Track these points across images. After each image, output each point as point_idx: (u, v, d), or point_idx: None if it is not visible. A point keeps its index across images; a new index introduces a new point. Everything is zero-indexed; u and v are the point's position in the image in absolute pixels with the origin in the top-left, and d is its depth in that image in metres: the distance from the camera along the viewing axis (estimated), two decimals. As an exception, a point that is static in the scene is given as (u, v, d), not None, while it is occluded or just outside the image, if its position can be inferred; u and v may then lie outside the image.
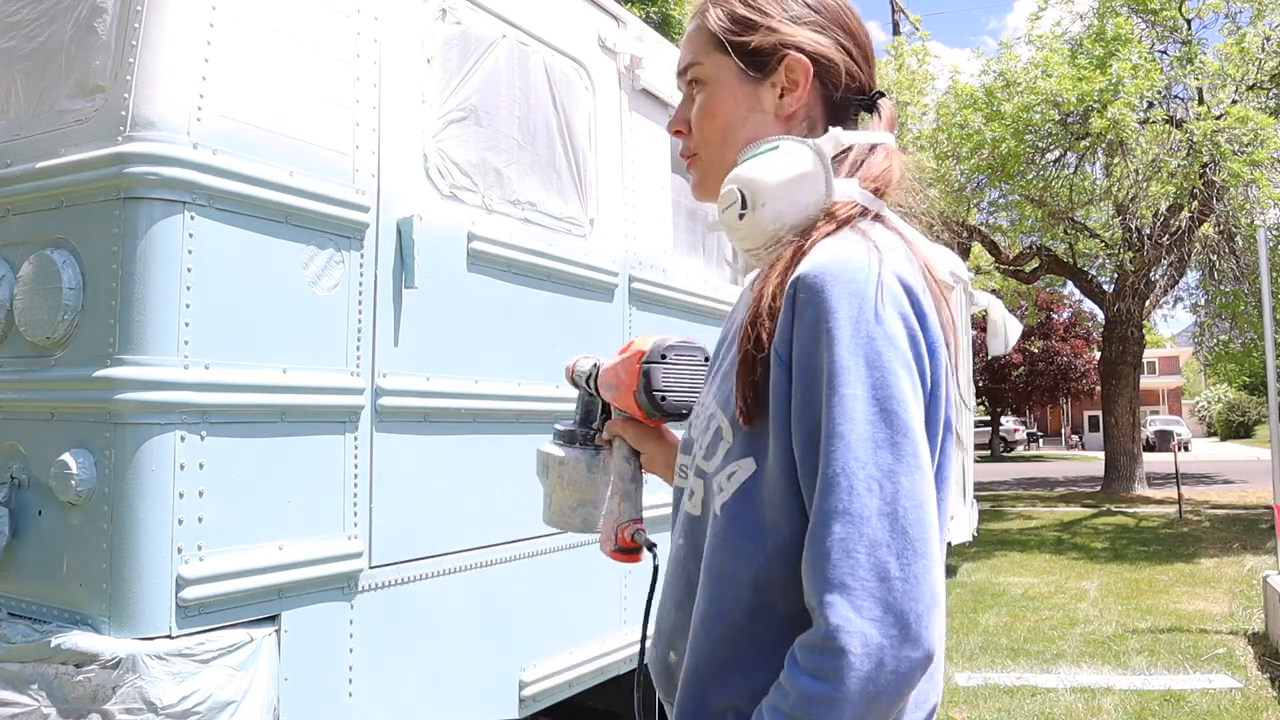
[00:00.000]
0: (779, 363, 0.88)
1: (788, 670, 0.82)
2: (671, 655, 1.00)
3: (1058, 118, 12.50)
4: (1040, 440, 43.25)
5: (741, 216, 0.94)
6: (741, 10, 1.01)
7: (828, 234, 0.92)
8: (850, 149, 0.99)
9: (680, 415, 1.19)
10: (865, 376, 0.83)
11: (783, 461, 0.88)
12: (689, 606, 0.97)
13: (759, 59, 1.01)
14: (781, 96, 1.01)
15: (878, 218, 0.96)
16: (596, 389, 1.29)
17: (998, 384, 32.71)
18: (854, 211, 0.94)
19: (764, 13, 1.00)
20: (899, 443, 0.83)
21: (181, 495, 1.87)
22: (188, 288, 1.90)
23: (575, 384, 1.33)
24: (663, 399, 1.20)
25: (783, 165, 0.93)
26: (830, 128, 1.00)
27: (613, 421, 1.27)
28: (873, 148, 1.00)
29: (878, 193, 0.97)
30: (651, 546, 1.18)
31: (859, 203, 0.95)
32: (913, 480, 0.83)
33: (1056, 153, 13.51)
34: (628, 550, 1.20)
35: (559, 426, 1.32)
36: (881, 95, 1.05)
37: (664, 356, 1.20)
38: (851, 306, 0.84)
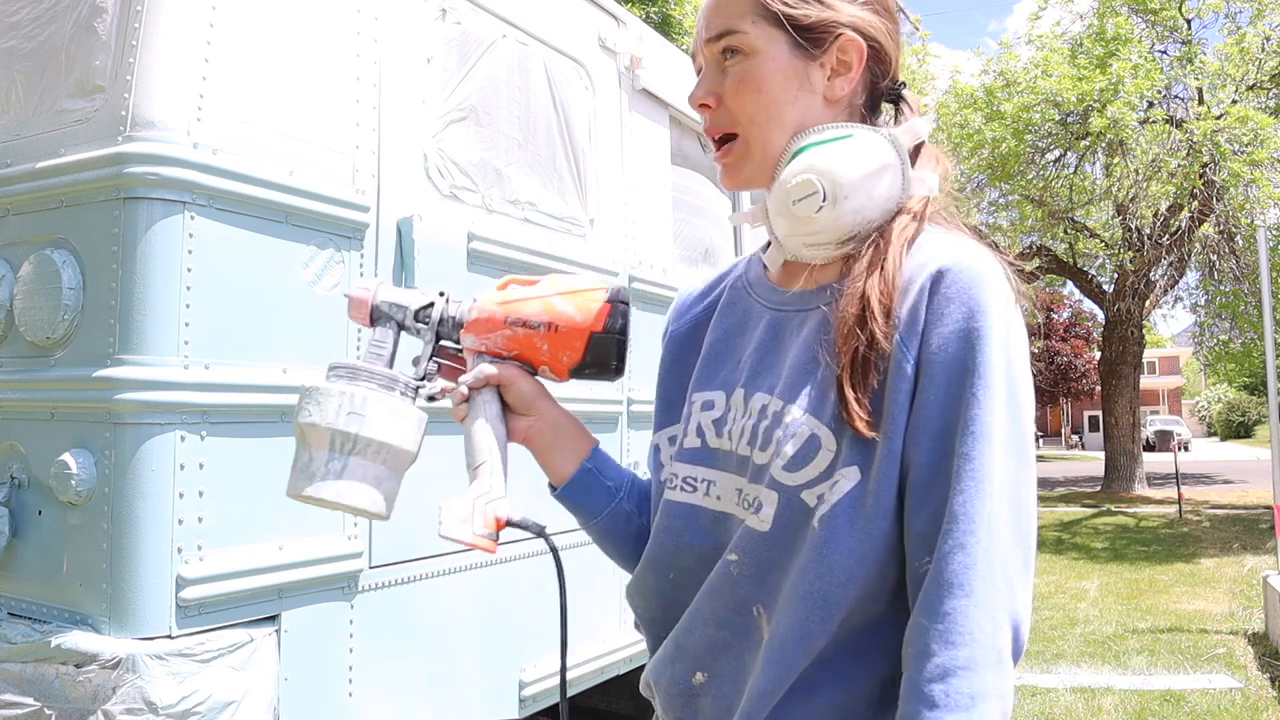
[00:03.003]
0: (905, 353, 0.84)
1: (918, 705, 0.79)
2: (699, 676, 0.93)
3: (1058, 117, 12.50)
4: (1040, 440, 43.26)
5: (819, 210, 0.87)
6: None
7: (923, 230, 0.90)
8: (922, 143, 0.94)
9: (613, 376, 1.03)
10: (1005, 379, 0.82)
11: (894, 462, 0.84)
12: (736, 625, 0.91)
13: (813, 35, 0.92)
14: (830, 78, 0.94)
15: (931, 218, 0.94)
16: (445, 328, 1.03)
17: (998, 384, 32.69)
18: (925, 206, 0.92)
19: None
20: (1024, 449, 0.83)
21: (181, 495, 1.87)
22: (188, 288, 1.90)
23: (381, 319, 1.03)
24: (626, 351, 1.02)
25: (864, 157, 0.88)
26: (874, 122, 0.97)
27: (497, 367, 1.01)
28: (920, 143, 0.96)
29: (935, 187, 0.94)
30: (542, 530, 0.97)
31: (928, 197, 0.92)
32: (1031, 484, 0.83)
33: (1056, 153, 13.51)
34: (494, 536, 0.96)
35: (363, 365, 0.97)
36: (905, 85, 1.01)
37: (628, 301, 1.02)
38: (1000, 305, 0.83)
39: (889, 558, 0.85)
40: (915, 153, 0.95)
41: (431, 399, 1.02)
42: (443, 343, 1.04)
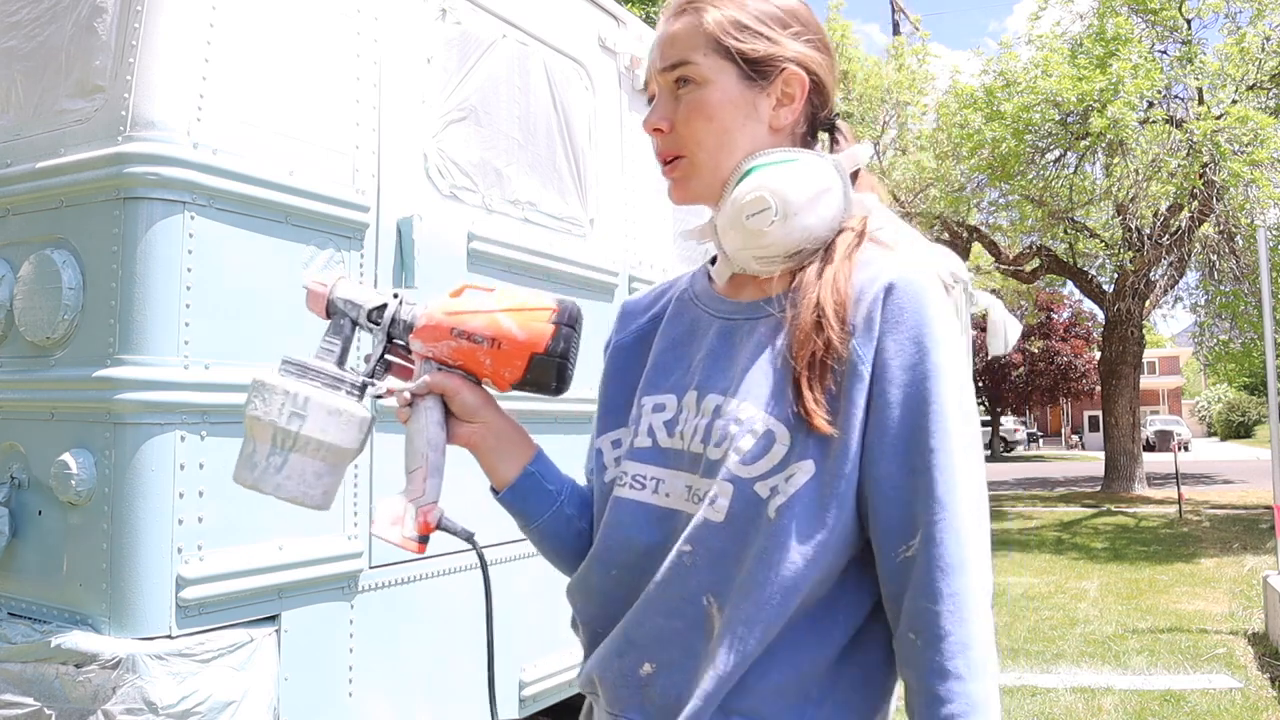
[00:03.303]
0: (859, 360, 0.91)
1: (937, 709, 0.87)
2: (647, 667, 0.97)
3: (1058, 117, 12.50)
4: (1040, 440, 43.27)
5: (771, 224, 0.95)
6: (744, 17, 1.00)
7: (866, 245, 0.97)
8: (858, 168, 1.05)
9: (554, 393, 1.06)
10: (955, 381, 0.91)
11: (850, 458, 0.91)
12: (687, 614, 0.95)
13: (760, 68, 1.00)
14: (776, 108, 1.02)
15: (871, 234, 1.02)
16: (397, 330, 1.04)
17: (998, 384, 32.72)
18: (864, 225, 0.99)
19: (765, 23, 1.01)
20: (976, 442, 0.94)
21: (181, 495, 1.87)
22: (188, 288, 1.90)
23: (336, 314, 1.04)
24: (568, 372, 1.04)
25: (811, 178, 0.96)
26: (833, 144, 1.07)
27: (441, 376, 1.03)
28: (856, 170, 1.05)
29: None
30: (470, 535, 1.01)
31: (866, 216, 0.99)
32: (982, 472, 0.97)
33: (1056, 153, 13.50)
34: (423, 539, 1.00)
35: (311, 362, 1.00)
36: (839, 116, 1.09)
37: (576, 323, 1.05)
38: (944, 316, 0.92)
39: (845, 545, 0.92)
40: (854, 177, 1.03)
41: (379, 398, 1.04)
42: (395, 342, 1.05)
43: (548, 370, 1.03)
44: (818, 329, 0.91)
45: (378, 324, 1.04)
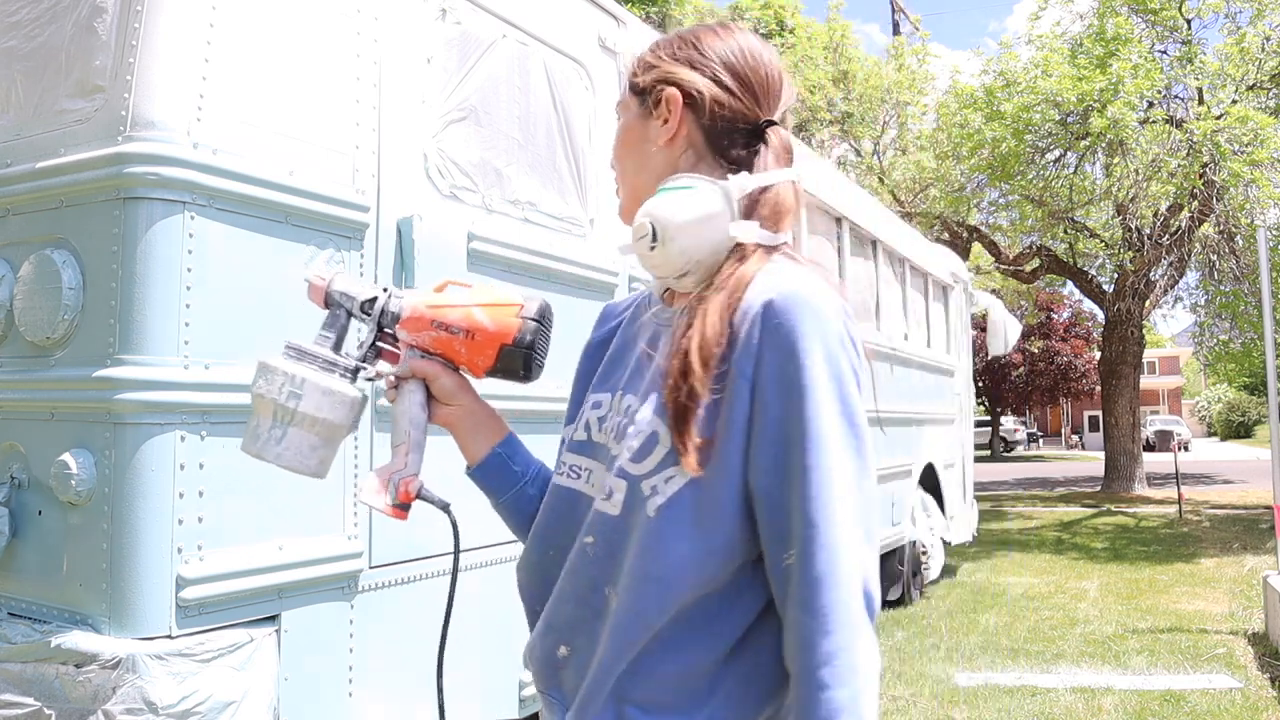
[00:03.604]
0: (741, 377, 0.95)
1: (812, 689, 0.90)
2: (563, 649, 1.04)
3: (1058, 117, 12.49)
4: (1040, 440, 43.25)
5: (652, 248, 1.01)
6: (649, 55, 1.13)
7: (756, 266, 1.00)
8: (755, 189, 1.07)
9: (523, 380, 1.16)
10: (834, 391, 0.93)
11: (729, 472, 0.96)
12: (592, 603, 1.01)
13: (645, 95, 1.11)
14: (660, 128, 1.10)
15: (782, 251, 1.05)
16: (386, 320, 1.14)
17: (998, 384, 32.71)
18: (754, 251, 1.02)
19: (658, 56, 1.12)
20: (863, 450, 0.95)
21: (181, 495, 1.87)
22: (188, 288, 1.90)
23: (333, 305, 1.14)
24: (536, 364, 1.15)
25: (691, 204, 1.01)
26: (739, 160, 1.09)
27: (423, 362, 1.14)
28: (767, 187, 1.06)
29: (776, 227, 1.05)
30: (446, 506, 1.12)
31: (758, 242, 1.03)
32: (871, 482, 0.95)
33: (1056, 153, 13.49)
34: (404, 506, 1.10)
35: (310, 347, 1.10)
36: (772, 124, 1.10)
37: (544, 318, 1.15)
38: (821, 328, 0.94)
39: (730, 551, 0.96)
40: (756, 195, 1.05)
41: (370, 380, 1.14)
42: (384, 331, 1.16)
43: (515, 360, 1.13)
44: (682, 376, 0.96)
45: (369, 314, 1.14)
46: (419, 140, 2.47)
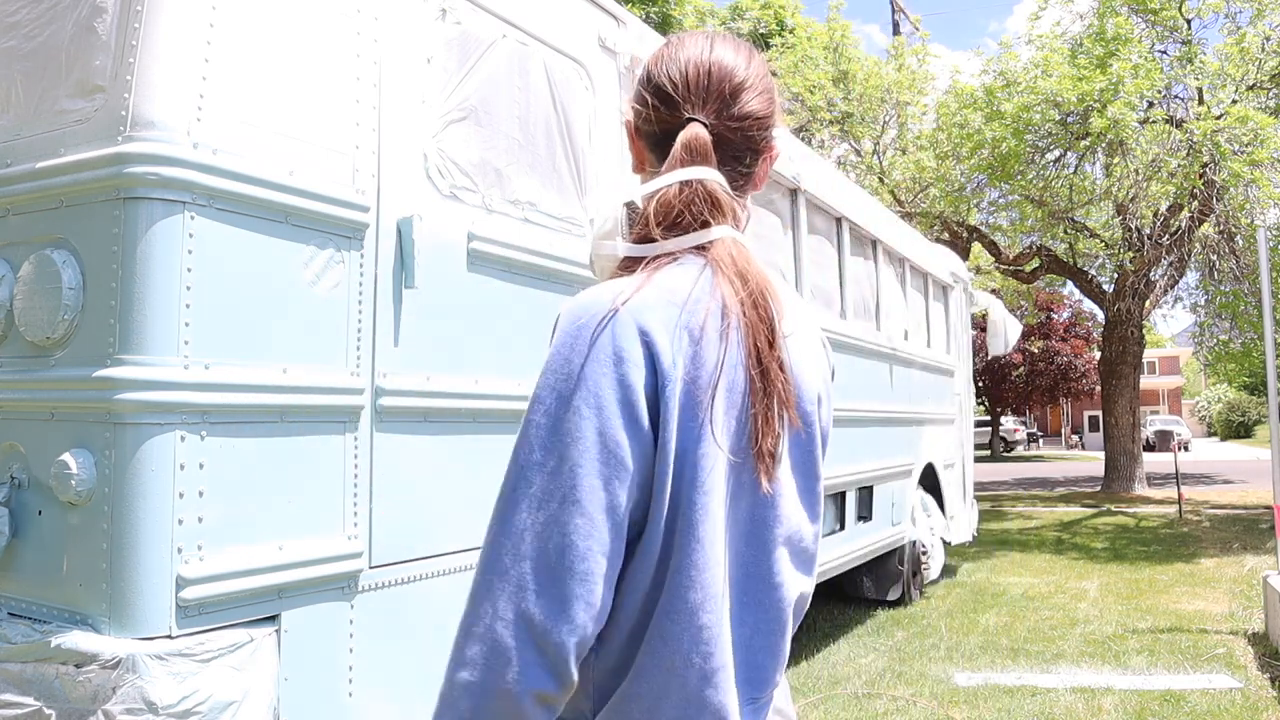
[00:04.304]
0: None
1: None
2: None
3: (1058, 117, 12.49)
4: (1040, 440, 43.23)
5: (592, 251, 1.08)
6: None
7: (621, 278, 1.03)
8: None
9: None
10: (552, 408, 0.92)
11: None
12: None
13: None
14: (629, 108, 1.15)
15: (657, 261, 1.03)
16: None
17: (998, 384, 32.70)
18: (646, 262, 1.02)
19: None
20: (562, 473, 0.91)
21: (181, 495, 1.87)
22: (188, 288, 1.90)
23: None
24: None
25: (597, 226, 1.07)
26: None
27: None
28: (653, 193, 1.05)
29: (645, 237, 1.04)
30: None
31: (626, 254, 1.04)
32: (566, 511, 0.90)
33: (1056, 153, 13.49)
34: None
35: None
36: (686, 124, 1.07)
37: None
38: (565, 345, 0.94)
39: None
40: (648, 208, 1.05)
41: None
42: None
43: None
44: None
45: None
46: (419, 140, 2.47)
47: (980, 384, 31.31)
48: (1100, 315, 18.85)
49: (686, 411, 0.94)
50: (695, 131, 1.06)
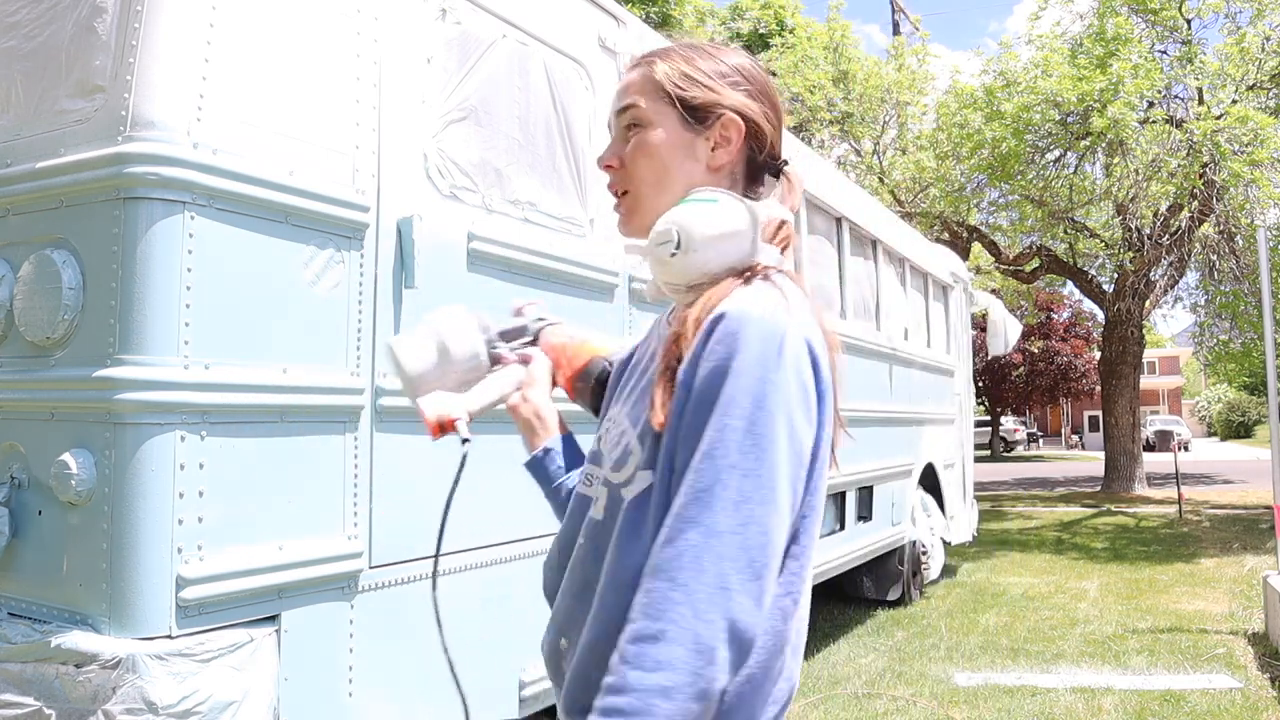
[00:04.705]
0: (682, 386, 0.99)
1: (620, 662, 0.91)
2: (563, 642, 1.11)
3: (1058, 117, 12.49)
4: (1040, 440, 43.22)
5: (673, 255, 1.04)
6: (688, 69, 1.13)
7: (741, 284, 1.03)
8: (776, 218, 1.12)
9: (591, 409, 1.30)
10: (746, 413, 0.95)
11: (666, 474, 1.01)
12: (585, 600, 1.06)
13: (699, 113, 1.12)
14: (714, 149, 1.12)
15: (779, 275, 1.08)
16: (534, 339, 1.36)
17: (998, 384, 32.69)
18: (757, 271, 1.06)
19: (707, 74, 1.13)
20: (762, 475, 0.94)
21: (181, 495, 1.87)
22: (188, 288, 1.90)
23: (522, 319, 1.37)
24: (589, 402, 1.31)
25: (720, 219, 1.04)
26: (756, 190, 1.15)
27: (545, 367, 1.32)
28: (784, 220, 1.11)
29: (783, 256, 1.10)
30: (466, 441, 1.26)
31: (772, 266, 1.07)
32: (769, 507, 0.94)
33: (1056, 153, 13.49)
34: (442, 429, 1.27)
35: (501, 329, 1.34)
36: (787, 163, 1.16)
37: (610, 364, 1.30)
38: (757, 348, 0.96)
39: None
40: (779, 228, 1.10)
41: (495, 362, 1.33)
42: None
43: (595, 373, 1.30)
44: (675, 342, 1.02)
45: (528, 335, 1.36)
46: (419, 140, 2.47)
47: (980, 384, 31.30)
48: (1100, 315, 18.85)
49: (831, 414, 1.04)
50: (797, 174, 1.17)
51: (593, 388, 1.30)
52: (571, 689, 1.05)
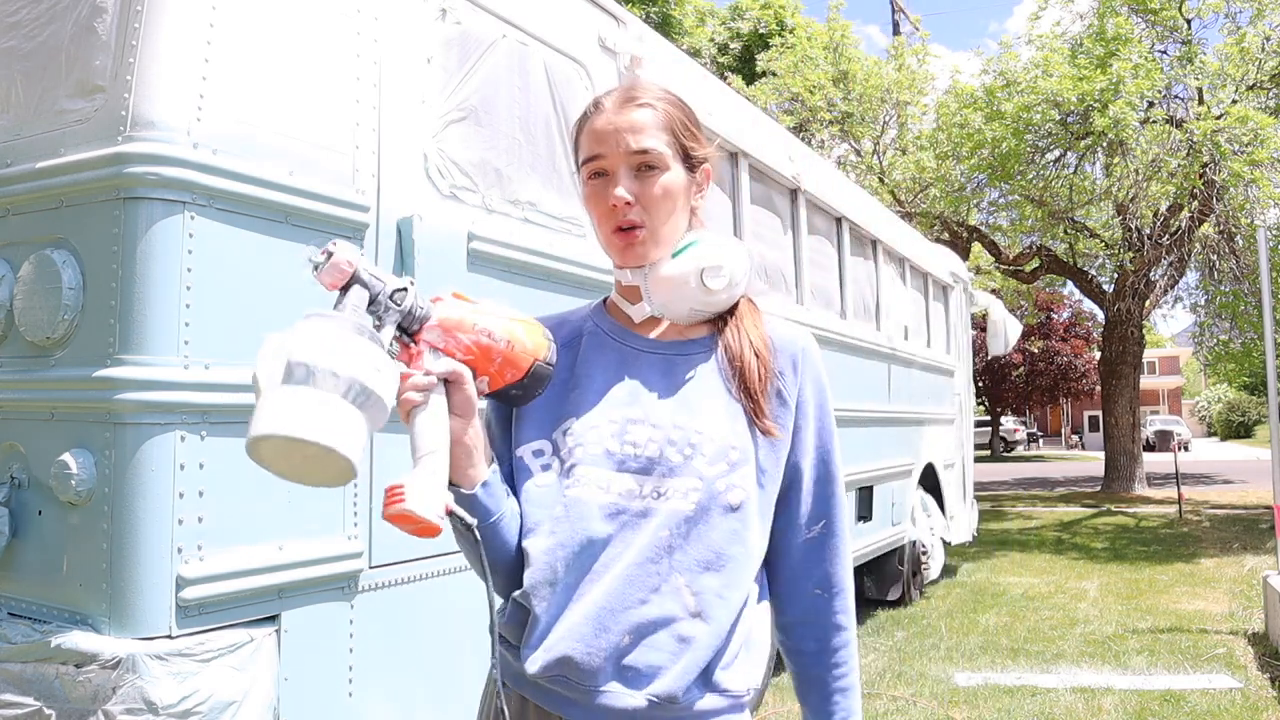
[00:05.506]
0: (784, 401, 1.24)
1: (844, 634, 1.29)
2: (626, 639, 1.12)
3: (1058, 117, 12.49)
4: (1040, 440, 43.23)
5: (723, 288, 1.22)
6: (685, 119, 1.27)
7: (755, 308, 1.30)
8: None
9: (523, 403, 1.19)
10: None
11: (782, 463, 1.24)
12: (663, 591, 1.13)
13: (692, 162, 1.27)
14: (695, 194, 1.30)
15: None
16: (409, 316, 1.06)
17: (998, 384, 32.70)
18: (748, 298, 1.31)
19: (696, 125, 1.29)
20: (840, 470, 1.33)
21: (181, 495, 1.87)
22: (188, 288, 1.90)
23: (357, 286, 1.03)
24: (546, 387, 1.17)
25: (746, 260, 1.27)
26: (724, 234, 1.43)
27: (461, 365, 1.09)
28: None
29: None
30: (471, 526, 1.06)
31: (754, 296, 1.33)
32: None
33: (1056, 152, 13.49)
34: (442, 518, 1.01)
35: (357, 317, 1.01)
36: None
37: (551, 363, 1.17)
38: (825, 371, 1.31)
39: (762, 537, 1.23)
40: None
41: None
42: (401, 327, 1.07)
43: (542, 378, 1.15)
44: (759, 366, 1.23)
45: (397, 305, 1.05)
46: (419, 140, 2.47)
47: (980, 384, 31.30)
48: (1100, 315, 18.85)
49: None
50: None
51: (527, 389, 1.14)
52: (682, 679, 1.12)
